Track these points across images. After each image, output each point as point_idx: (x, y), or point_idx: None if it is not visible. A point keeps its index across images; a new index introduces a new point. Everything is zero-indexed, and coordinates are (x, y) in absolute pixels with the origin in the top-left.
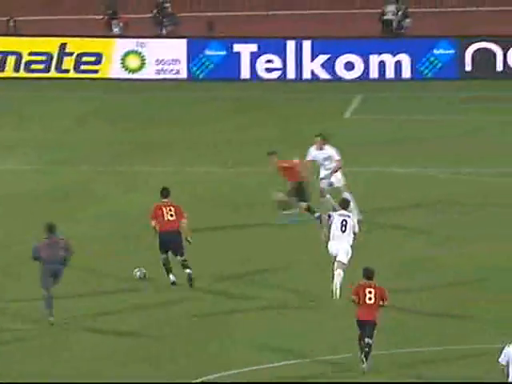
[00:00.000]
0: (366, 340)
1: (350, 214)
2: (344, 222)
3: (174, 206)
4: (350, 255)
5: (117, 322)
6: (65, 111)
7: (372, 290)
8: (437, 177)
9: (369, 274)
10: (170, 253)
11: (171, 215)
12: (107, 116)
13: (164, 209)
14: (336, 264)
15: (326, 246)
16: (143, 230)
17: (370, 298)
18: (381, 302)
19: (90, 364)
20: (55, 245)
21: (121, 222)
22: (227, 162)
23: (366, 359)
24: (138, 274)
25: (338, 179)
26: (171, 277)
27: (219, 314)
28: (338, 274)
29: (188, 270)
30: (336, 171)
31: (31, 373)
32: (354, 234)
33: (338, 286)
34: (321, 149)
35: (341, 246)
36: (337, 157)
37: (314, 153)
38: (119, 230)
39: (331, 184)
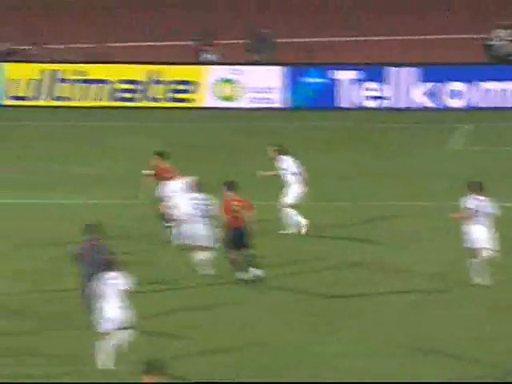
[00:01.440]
0: None
1: (480, 198)
2: (479, 208)
3: (239, 201)
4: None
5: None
6: (154, 142)
7: None
8: None
9: None
10: None
11: (236, 211)
12: (199, 147)
13: (231, 203)
14: (480, 251)
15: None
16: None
17: None
18: None
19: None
20: (99, 249)
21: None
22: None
23: None
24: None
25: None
26: (238, 274)
27: None
28: (485, 260)
29: (258, 271)
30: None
31: None
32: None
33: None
34: (273, 159)
35: (480, 232)
36: (294, 169)
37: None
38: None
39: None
